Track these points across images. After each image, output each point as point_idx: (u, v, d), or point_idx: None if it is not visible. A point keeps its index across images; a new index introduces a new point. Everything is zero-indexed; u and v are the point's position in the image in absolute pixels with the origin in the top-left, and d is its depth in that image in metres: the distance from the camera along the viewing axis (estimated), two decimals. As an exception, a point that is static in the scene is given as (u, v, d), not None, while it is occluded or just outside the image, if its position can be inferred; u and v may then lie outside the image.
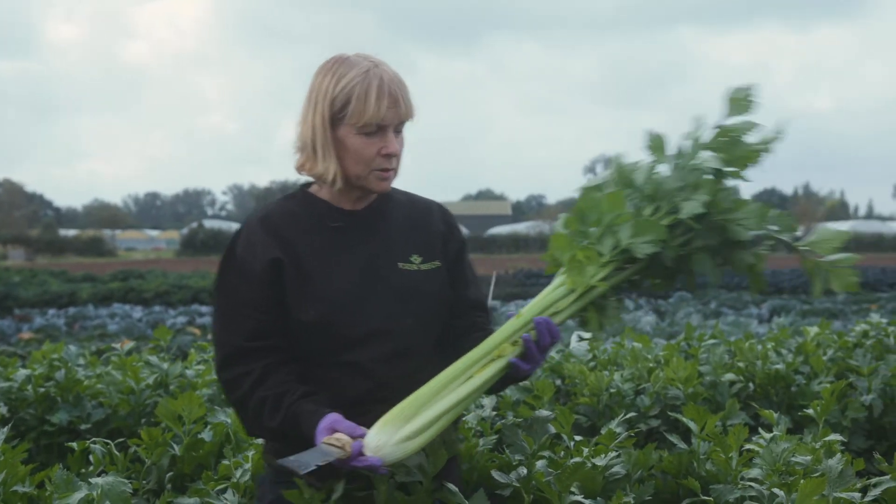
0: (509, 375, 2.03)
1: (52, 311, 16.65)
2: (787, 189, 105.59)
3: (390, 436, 1.85)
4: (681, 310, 15.41)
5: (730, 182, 2.09)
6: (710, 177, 2.02)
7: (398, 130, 2.10)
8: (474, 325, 2.25)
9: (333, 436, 1.85)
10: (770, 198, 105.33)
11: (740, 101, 2.07)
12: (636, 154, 2.21)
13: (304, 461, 1.80)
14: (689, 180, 2.02)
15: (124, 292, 20.90)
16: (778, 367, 3.75)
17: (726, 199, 2.02)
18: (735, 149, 2.03)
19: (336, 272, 2.08)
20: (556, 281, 2.07)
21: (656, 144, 2.13)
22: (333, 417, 1.92)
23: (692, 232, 2.05)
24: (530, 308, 2.04)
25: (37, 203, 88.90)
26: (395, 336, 2.09)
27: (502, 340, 1.98)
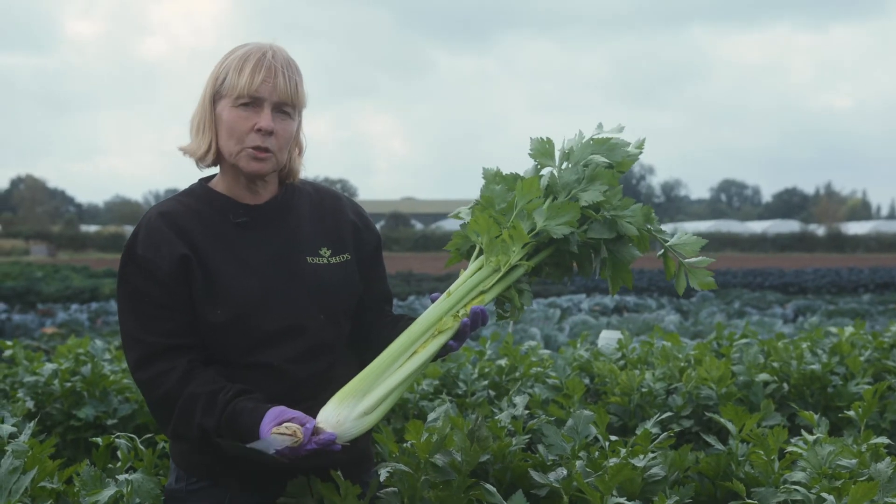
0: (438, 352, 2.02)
1: (74, 307, 16.70)
2: (809, 189, 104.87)
3: (350, 410, 1.85)
4: (704, 309, 15.29)
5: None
6: (605, 169, 2.16)
7: (284, 112, 2.02)
8: (384, 315, 2.24)
9: (282, 426, 1.80)
10: (791, 198, 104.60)
11: (612, 129, 2.26)
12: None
13: (263, 447, 1.77)
14: (584, 174, 2.15)
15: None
16: (814, 367, 3.67)
17: (615, 197, 2.15)
18: (615, 154, 2.19)
19: (243, 271, 2.01)
20: (475, 263, 2.10)
21: (543, 150, 2.22)
22: (278, 409, 1.85)
23: (588, 222, 2.16)
24: (458, 287, 2.05)
25: (59, 199, 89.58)
26: (308, 333, 2.04)
27: (440, 316, 2.00)
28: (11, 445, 2.19)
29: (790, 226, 67.83)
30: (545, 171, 2.24)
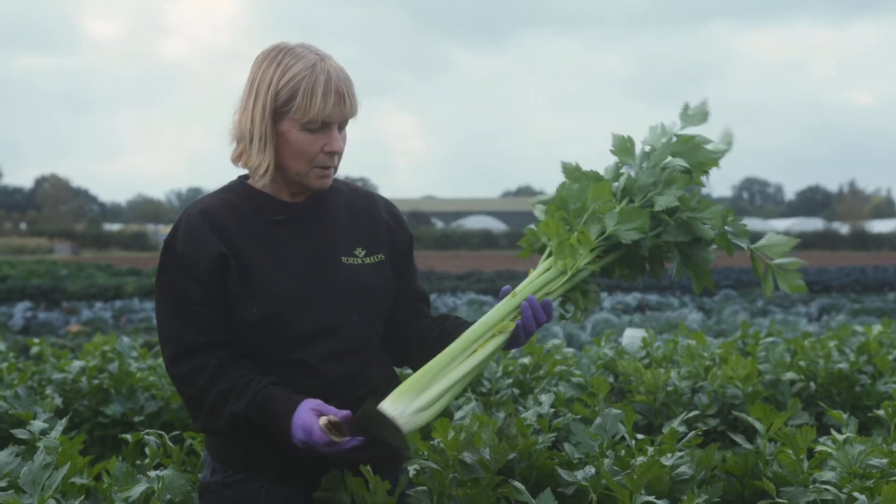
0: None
1: (98, 305, 16.79)
2: (832, 186, 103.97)
3: (406, 406, 1.88)
4: (727, 307, 15.20)
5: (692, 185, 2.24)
6: (682, 174, 2.14)
7: (341, 127, 2.05)
8: (420, 314, 2.26)
9: (322, 419, 1.85)
10: (814, 195, 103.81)
11: (696, 115, 2.21)
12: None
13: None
14: (661, 177, 2.13)
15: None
16: (841, 366, 3.64)
17: (693, 198, 2.14)
18: (696, 155, 2.16)
19: (279, 269, 2.03)
20: (544, 264, 2.12)
21: (624, 147, 2.21)
22: (316, 402, 1.90)
23: (662, 226, 2.15)
24: (524, 288, 2.08)
25: (82, 198, 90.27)
26: (342, 332, 2.06)
27: (502, 317, 2.02)
28: (43, 441, 2.21)
29: (813, 224, 67.26)
30: (625, 170, 2.24)
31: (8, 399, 2.71)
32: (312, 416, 1.87)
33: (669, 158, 2.15)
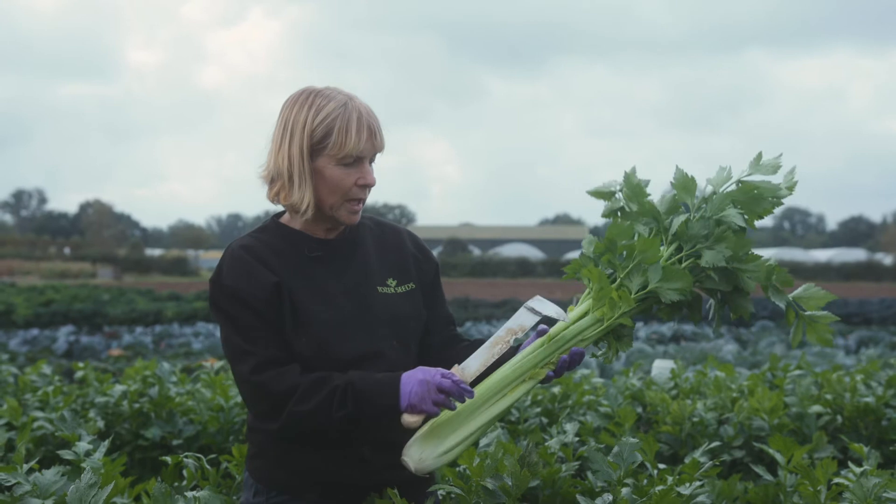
0: None
1: (139, 329, 17.06)
2: (875, 216, 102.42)
3: (433, 449, 2.00)
4: (763, 339, 15.06)
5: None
6: (735, 231, 2.15)
7: (371, 161, 2.17)
8: (453, 338, 2.36)
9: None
10: (857, 225, 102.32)
11: (767, 166, 2.19)
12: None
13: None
14: (713, 230, 2.15)
15: (208, 311, 21.36)
16: (867, 400, 3.66)
17: (742, 249, 2.14)
18: (755, 205, 2.17)
19: (322, 301, 2.14)
20: (582, 307, 2.17)
21: (685, 185, 2.22)
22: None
23: (705, 272, 2.16)
24: (560, 332, 2.12)
25: (125, 223, 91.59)
26: (384, 358, 2.17)
27: (535, 364, 2.09)
28: (88, 462, 2.33)
29: (856, 254, 66.24)
30: (677, 216, 2.23)
31: (55, 422, 2.83)
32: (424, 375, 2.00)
33: (727, 211, 2.15)
